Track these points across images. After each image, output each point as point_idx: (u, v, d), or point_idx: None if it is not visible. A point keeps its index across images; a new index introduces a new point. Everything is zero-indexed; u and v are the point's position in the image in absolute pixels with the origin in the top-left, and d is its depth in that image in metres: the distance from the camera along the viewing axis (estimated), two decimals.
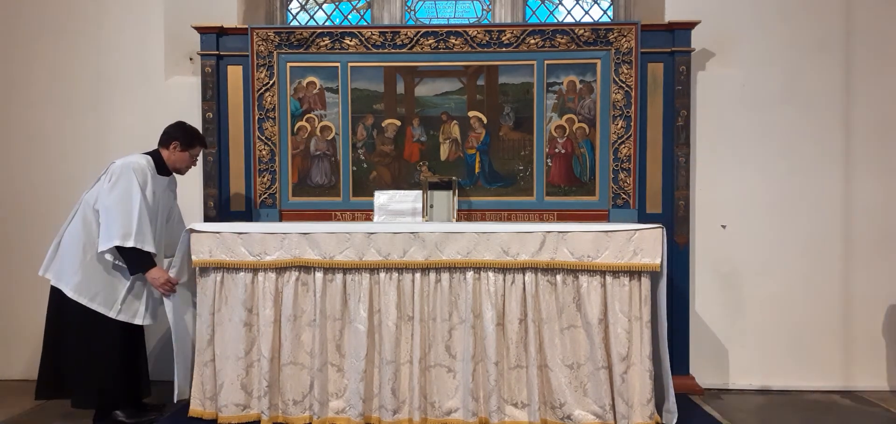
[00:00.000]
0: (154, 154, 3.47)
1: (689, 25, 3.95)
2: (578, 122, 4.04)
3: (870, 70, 4.12)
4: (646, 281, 3.23)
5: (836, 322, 4.17)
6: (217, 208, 4.10)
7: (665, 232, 3.22)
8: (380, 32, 4.03)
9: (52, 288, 3.33)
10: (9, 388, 4.13)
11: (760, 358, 4.16)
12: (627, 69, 3.94)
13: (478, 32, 3.99)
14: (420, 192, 3.81)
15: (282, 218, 4.08)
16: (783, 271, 4.15)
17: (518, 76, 4.03)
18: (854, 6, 4.12)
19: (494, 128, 4.06)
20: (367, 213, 3.97)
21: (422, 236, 3.29)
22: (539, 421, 3.22)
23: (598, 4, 4.70)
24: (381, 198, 3.77)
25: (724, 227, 4.16)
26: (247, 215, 4.11)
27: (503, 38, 3.99)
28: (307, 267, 3.35)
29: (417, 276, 3.30)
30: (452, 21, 4.67)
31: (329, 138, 4.11)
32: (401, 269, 3.31)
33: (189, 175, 3.73)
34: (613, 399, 3.21)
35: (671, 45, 3.97)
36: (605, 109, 4.00)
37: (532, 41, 3.98)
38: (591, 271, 3.23)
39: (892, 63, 4.13)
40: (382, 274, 3.31)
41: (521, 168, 4.07)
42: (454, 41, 4.00)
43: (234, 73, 4.10)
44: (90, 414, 3.42)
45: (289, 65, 4.07)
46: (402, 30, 4.02)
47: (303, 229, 3.35)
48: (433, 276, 3.32)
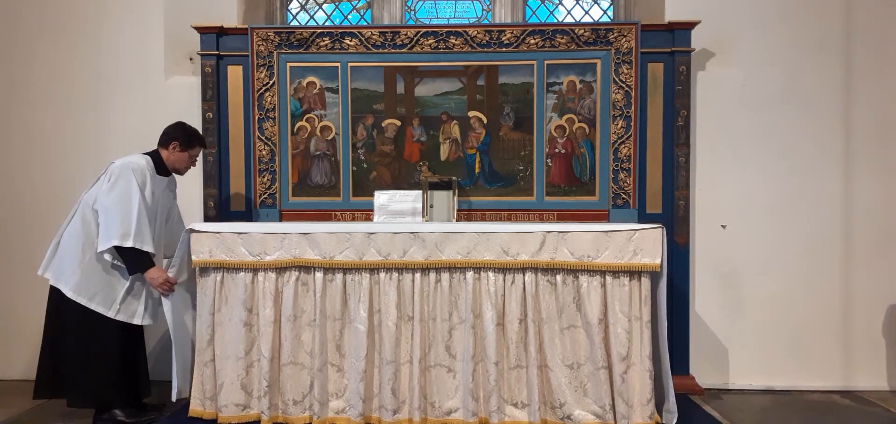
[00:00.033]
0: (153, 154, 3.48)
1: (689, 25, 3.95)
2: (578, 122, 4.04)
3: (870, 70, 4.12)
4: (646, 281, 3.23)
5: (836, 322, 4.17)
6: (217, 208, 4.10)
7: (665, 232, 3.22)
8: (380, 32, 4.03)
9: (51, 288, 3.34)
10: (9, 388, 4.13)
11: (760, 358, 4.16)
12: (627, 69, 3.94)
13: (478, 32, 3.99)
14: (420, 192, 3.81)
15: (282, 218, 4.08)
16: (783, 271, 4.16)
17: (518, 76, 4.03)
18: (854, 6, 4.12)
19: (494, 128, 4.06)
20: (367, 213, 3.97)
21: (422, 236, 3.29)
22: (539, 421, 3.22)
23: (598, 4, 4.70)
24: (381, 198, 3.77)
25: (724, 227, 4.16)
26: (247, 215, 4.11)
27: (503, 38, 3.99)
28: (307, 267, 3.35)
29: (417, 276, 3.30)
30: (452, 21, 4.66)
31: (329, 138, 4.11)
32: (401, 269, 3.31)
33: (189, 175, 3.73)
34: (613, 399, 3.21)
35: (671, 45, 3.97)
36: (605, 109, 4.00)
37: (532, 41, 3.98)
38: (591, 271, 3.23)
39: (892, 63, 4.13)
40: (382, 274, 3.31)
41: (521, 168, 4.07)
42: (454, 41, 4.00)
43: (234, 73, 4.10)
44: (88, 414, 3.42)
45: (289, 65, 4.07)
46: (402, 30, 4.02)
47: (303, 229, 3.35)
48: (433, 276, 3.32)
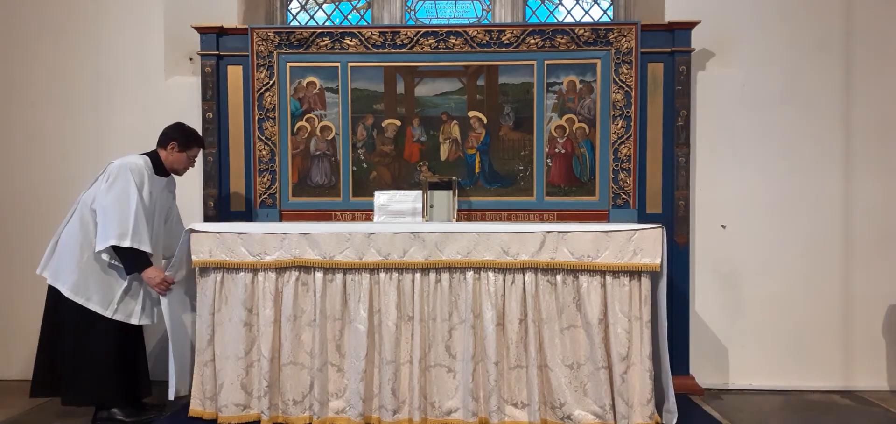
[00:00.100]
0: (152, 155, 3.48)
1: (689, 25, 3.95)
2: (578, 122, 4.04)
3: (870, 70, 4.12)
4: (646, 281, 3.23)
5: (836, 322, 4.17)
6: (217, 208, 4.10)
7: (665, 232, 3.22)
8: (380, 32, 4.03)
9: (50, 287, 3.34)
10: (8, 388, 4.13)
11: (760, 358, 4.16)
12: (627, 69, 3.94)
13: (478, 32, 3.99)
14: (420, 192, 3.81)
15: (282, 218, 4.08)
16: (783, 271, 4.16)
17: (518, 76, 4.03)
18: (854, 6, 4.12)
19: (494, 128, 4.06)
20: (367, 213, 3.97)
21: (422, 236, 3.29)
22: (539, 421, 3.22)
23: (598, 4, 4.70)
24: (381, 198, 3.77)
25: (724, 227, 4.16)
26: (247, 215, 4.11)
27: (503, 38, 3.99)
28: (307, 267, 3.35)
29: (417, 276, 3.30)
30: (452, 21, 4.66)
31: (329, 138, 4.11)
32: (401, 269, 3.31)
33: (189, 175, 3.73)
34: (613, 399, 3.21)
35: (671, 45, 3.97)
36: (605, 109, 4.00)
37: (532, 41, 3.98)
38: (591, 271, 3.23)
39: (892, 63, 4.13)
40: (382, 274, 3.31)
41: (521, 168, 4.07)
42: (454, 41, 4.00)
43: (234, 73, 4.10)
44: (86, 413, 3.43)
45: (289, 65, 4.07)
46: (402, 30, 4.02)
47: (303, 229, 3.35)
48: (433, 276, 3.32)
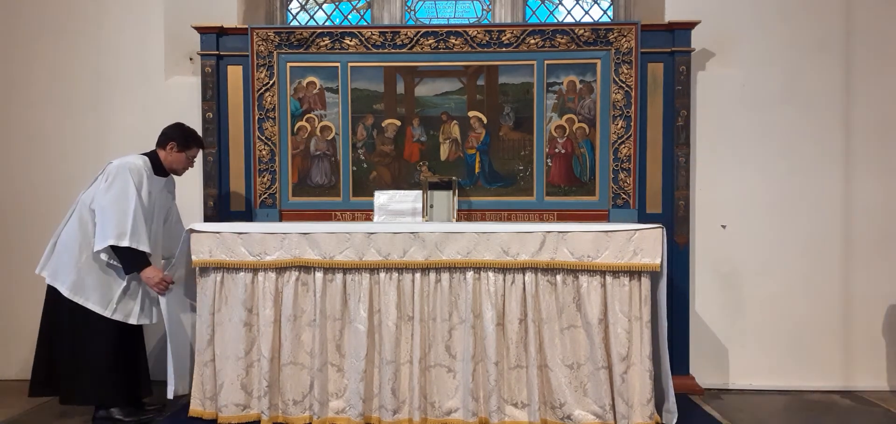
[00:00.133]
0: (151, 155, 3.49)
1: (689, 25, 3.95)
2: (578, 122, 4.03)
3: (870, 70, 4.12)
4: (646, 281, 3.23)
5: (836, 322, 4.17)
6: (217, 208, 4.10)
7: (665, 232, 3.22)
8: (380, 32, 4.03)
9: (48, 287, 3.35)
10: (8, 388, 4.13)
11: (760, 358, 4.16)
12: (627, 69, 3.94)
13: (478, 32, 3.99)
14: (420, 192, 3.81)
15: (282, 218, 4.08)
16: (783, 271, 4.15)
17: (518, 76, 4.03)
18: (854, 6, 4.12)
19: (494, 128, 4.06)
20: (367, 213, 3.97)
21: (422, 236, 3.28)
22: (539, 421, 3.22)
23: (598, 4, 4.70)
24: (381, 198, 3.77)
25: (724, 227, 4.16)
26: (247, 215, 4.11)
27: (503, 38, 3.99)
28: (307, 267, 3.35)
29: (417, 276, 3.30)
30: (452, 21, 4.66)
31: (329, 138, 4.11)
32: (401, 269, 3.31)
33: (189, 175, 3.73)
34: (613, 399, 3.21)
35: (671, 45, 3.97)
36: (605, 109, 4.00)
37: (532, 41, 3.98)
38: (591, 271, 3.23)
39: (892, 63, 4.13)
40: (382, 274, 3.31)
41: (521, 168, 4.07)
42: (454, 41, 4.00)
43: (234, 73, 4.10)
44: (86, 414, 3.42)
45: (289, 65, 4.07)
46: (402, 30, 4.02)
47: (303, 229, 3.35)
48: (433, 276, 3.32)
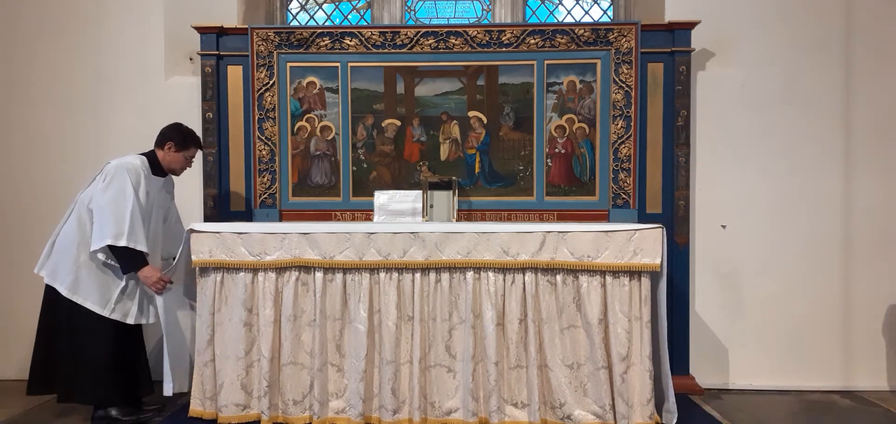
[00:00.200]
0: (149, 155, 3.49)
1: (689, 25, 3.95)
2: (578, 122, 4.03)
3: (870, 70, 4.12)
4: (646, 281, 3.23)
5: (836, 322, 4.17)
6: (217, 207, 4.10)
7: (665, 232, 3.22)
8: (380, 32, 4.03)
9: (47, 286, 3.35)
10: (8, 388, 4.13)
11: (760, 358, 4.16)
12: (627, 69, 3.94)
13: (478, 32, 3.99)
14: (420, 192, 3.81)
15: (282, 218, 4.08)
16: (783, 271, 4.15)
17: (518, 76, 4.03)
18: (854, 6, 4.12)
19: (494, 128, 4.06)
20: (367, 213, 3.97)
21: (422, 236, 3.28)
22: (539, 421, 3.22)
23: (598, 4, 4.70)
24: (381, 198, 3.77)
25: (724, 227, 4.16)
26: (247, 215, 4.11)
27: (503, 38, 3.99)
28: (307, 267, 3.35)
29: (417, 276, 3.30)
30: (452, 21, 4.66)
31: (329, 138, 4.11)
32: (401, 269, 3.31)
33: (189, 175, 3.74)
34: (613, 399, 3.21)
35: (671, 45, 3.97)
36: (605, 109, 4.00)
37: (532, 41, 3.98)
38: (591, 271, 3.23)
39: (892, 63, 4.13)
40: (382, 274, 3.31)
41: (521, 168, 4.07)
42: (454, 41, 4.00)
43: (234, 73, 4.10)
44: (85, 414, 3.42)
45: (289, 65, 4.07)
46: (402, 30, 4.02)
47: (303, 229, 3.35)
48: (433, 276, 3.32)
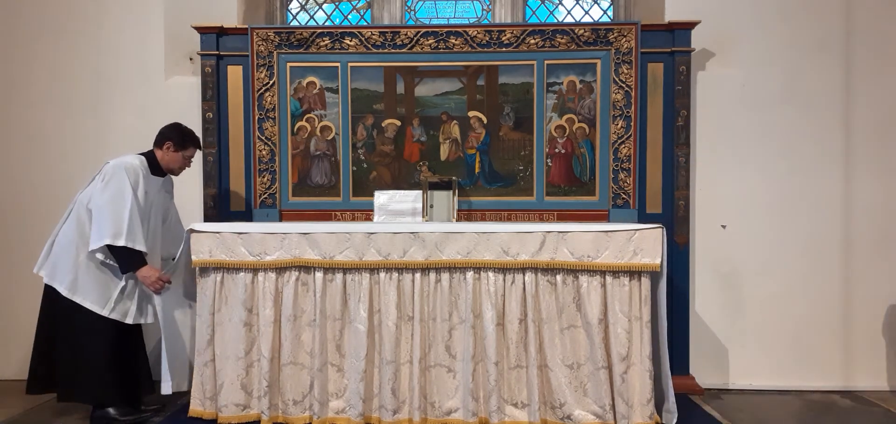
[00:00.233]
0: (148, 155, 3.49)
1: (689, 25, 3.95)
2: (578, 122, 4.03)
3: (870, 70, 4.12)
4: (646, 281, 3.23)
5: (836, 322, 4.17)
6: (217, 207, 4.10)
7: (665, 232, 3.23)
8: (380, 32, 4.03)
9: (46, 286, 3.35)
10: (7, 388, 4.13)
11: (760, 358, 4.16)
12: (627, 69, 3.94)
13: (478, 32, 3.99)
14: (420, 192, 3.81)
15: (282, 218, 4.08)
16: (783, 271, 4.15)
17: (518, 76, 4.03)
18: (854, 6, 4.12)
19: (494, 128, 4.06)
20: (367, 213, 3.97)
21: (422, 236, 3.29)
22: (539, 421, 3.22)
23: (598, 4, 4.70)
24: (381, 198, 3.77)
25: (724, 227, 4.16)
26: (247, 215, 4.11)
27: (503, 38, 3.99)
28: (307, 267, 3.35)
29: (417, 276, 3.30)
30: (452, 21, 4.66)
31: (329, 138, 4.11)
32: (401, 269, 3.31)
33: (189, 175, 3.74)
34: (613, 399, 3.21)
35: (671, 45, 3.97)
36: (605, 109, 4.00)
37: (532, 41, 3.98)
38: (591, 271, 3.23)
39: (892, 63, 4.13)
40: (382, 274, 3.31)
41: (521, 168, 4.07)
42: (454, 41, 4.00)
43: (234, 73, 4.10)
44: (84, 413, 3.42)
45: (289, 65, 4.07)
46: (402, 30, 4.02)
47: (303, 229, 3.35)
48: (433, 276, 3.32)
